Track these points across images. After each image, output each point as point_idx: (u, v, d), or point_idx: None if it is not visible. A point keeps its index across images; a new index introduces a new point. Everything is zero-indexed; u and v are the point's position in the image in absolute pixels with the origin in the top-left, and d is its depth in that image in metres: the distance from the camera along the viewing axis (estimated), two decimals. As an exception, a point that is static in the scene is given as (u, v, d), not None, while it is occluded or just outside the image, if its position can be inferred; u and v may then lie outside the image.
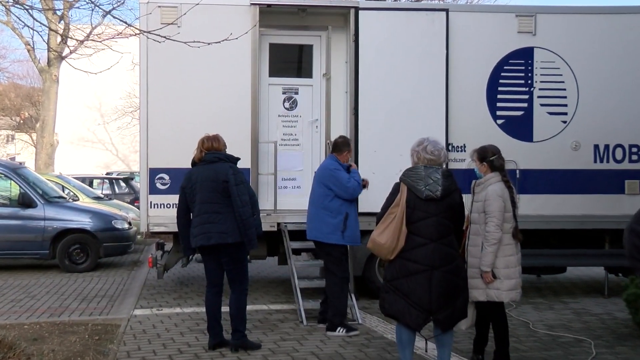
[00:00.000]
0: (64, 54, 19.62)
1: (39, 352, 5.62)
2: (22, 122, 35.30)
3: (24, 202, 10.76)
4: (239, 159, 5.92)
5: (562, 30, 8.38)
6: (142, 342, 6.05)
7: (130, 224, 11.75)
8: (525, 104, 8.34)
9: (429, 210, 4.51)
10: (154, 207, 7.90)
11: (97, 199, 14.47)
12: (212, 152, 5.78)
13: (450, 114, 8.14)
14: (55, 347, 5.87)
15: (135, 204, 15.29)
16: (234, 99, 7.99)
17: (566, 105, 8.40)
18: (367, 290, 8.09)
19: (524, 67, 8.33)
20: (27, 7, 7.98)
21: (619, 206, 8.27)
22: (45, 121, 20.36)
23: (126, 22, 6.78)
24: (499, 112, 8.30)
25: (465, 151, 8.02)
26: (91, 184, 18.35)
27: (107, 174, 26.02)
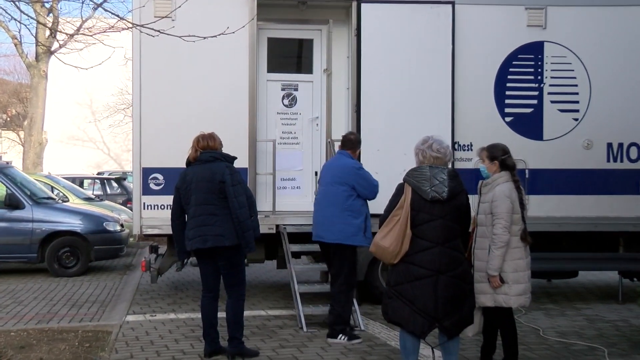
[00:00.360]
0: (53, 49, 19.64)
1: (27, 360, 5.64)
2: (9, 119, 35.33)
3: (11, 203, 10.77)
4: (235, 158, 5.93)
5: (574, 23, 8.39)
6: (135, 350, 6.07)
7: (122, 226, 11.77)
8: (534, 101, 8.35)
9: (435, 212, 4.52)
10: (148, 209, 7.92)
11: (88, 200, 14.49)
12: (208, 151, 5.80)
13: (456, 111, 8.15)
14: (43, 355, 5.88)
15: (127, 205, 15.31)
16: (231, 96, 8.01)
17: (578, 102, 8.41)
18: (370, 295, 8.11)
19: (533, 63, 8.34)
20: (14, -1, 7.99)
21: (634, 208, 8.28)
22: (33, 119, 20.37)
23: (118, 15, 6.81)
24: (507, 110, 8.31)
25: (471, 150, 8.04)
26: (82, 185, 18.38)
27: (99, 173, 26.05)
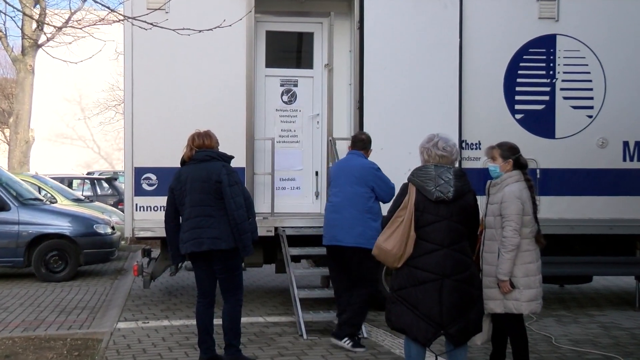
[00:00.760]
0: (40, 42, 19.67)
1: (13, 369, 5.67)
2: (-6, 116, 35.38)
3: (-4, 204, 10.81)
4: (232, 158, 5.96)
5: (588, 15, 8.40)
6: (126, 358, 6.09)
7: (113, 228, 11.80)
8: (546, 97, 8.37)
9: (440, 213, 4.54)
10: (140, 210, 7.95)
11: (77, 201, 14.52)
12: (204, 150, 5.82)
13: (463, 108, 8.17)
14: (31, 363, 5.91)
15: (119, 207, 15.34)
16: (228, 92, 8.03)
17: (592, 98, 8.42)
18: (373, 301, 8.11)
19: (545, 57, 8.36)
20: (-1, -10, 8.02)
21: (651, 209, 8.32)
22: (19, 116, 20.41)
23: (109, 7, 6.82)
24: (517, 106, 8.33)
25: (480, 149, 8.06)
26: (70, 185, 18.42)
27: (88, 173, 26.08)
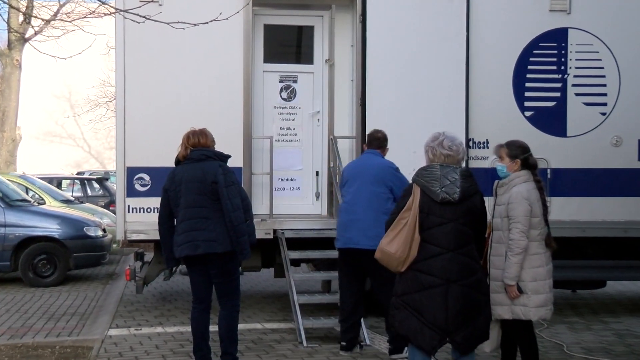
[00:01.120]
0: (27, 36, 19.68)
1: (0, 378, 5.69)
2: (-21, 114, 35.42)
3: (-19, 206, 10.83)
4: (229, 157, 5.98)
5: (602, 7, 8.43)
6: (119, 366, 6.12)
7: (104, 230, 11.82)
8: (557, 94, 8.39)
9: (446, 215, 4.56)
10: (132, 212, 7.97)
11: (67, 202, 14.54)
12: (199, 149, 5.84)
13: (471, 105, 8.19)
14: (19, 371, 5.94)
15: (110, 208, 15.36)
16: (224, 88, 8.05)
17: (606, 94, 8.45)
18: (376, 306, 8.14)
19: (556, 51, 8.39)
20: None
21: (667, 211, 8.34)
22: (5, 113, 20.43)
23: None
24: (527, 103, 8.35)
25: (488, 148, 8.09)
26: (59, 186, 18.43)
27: (78, 173, 26.11)
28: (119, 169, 8.04)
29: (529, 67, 8.36)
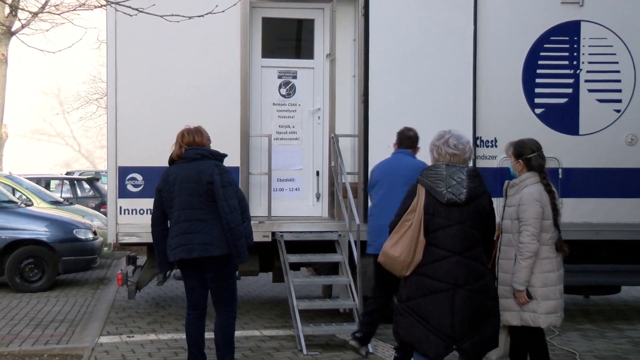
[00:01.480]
0: (13, 29, 19.71)
1: (-14, 387, 5.70)
2: (-37, 111, 35.45)
3: (-33, 207, 10.85)
4: (225, 156, 6.00)
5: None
6: (110, 375, 6.14)
7: (95, 233, 11.84)
8: (569, 90, 8.41)
9: (452, 216, 4.56)
10: (124, 214, 7.99)
11: (56, 203, 14.55)
12: (194, 148, 5.85)
13: (478, 102, 8.21)
14: (5, 381, 5.96)
15: (101, 210, 15.38)
16: (220, 85, 8.07)
17: (620, 90, 8.47)
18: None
19: (568, 45, 8.40)
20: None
21: (685, 213, 8.35)
22: (-9, 110, 20.48)
23: (90, -8, 6.88)
24: (537, 100, 8.37)
25: (496, 146, 8.11)
26: (48, 186, 18.45)
27: (68, 173, 26.14)
28: (110, 168, 8.06)
29: (540, 61, 8.37)
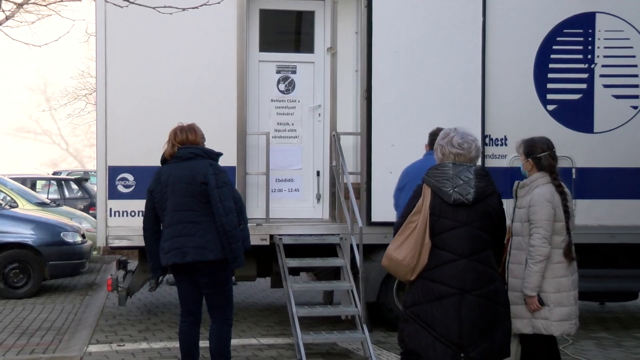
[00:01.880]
0: (-2, 22, 19.76)
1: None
2: (-56, 108, 35.46)
3: (-51, 209, 10.86)
4: (221, 155, 6.00)
5: (633, -10, 8.48)
6: (100, 386, 6.15)
7: (84, 236, 11.85)
8: (583, 85, 8.42)
9: (459, 218, 4.56)
10: (115, 216, 8.00)
11: (42, 205, 14.57)
12: (188, 147, 5.86)
13: (487, 98, 8.21)
14: (-11, 391, 5.96)
15: (90, 212, 15.38)
16: (216, 80, 8.08)
17: (637, 85, 8.49)
18: (383, 319, 8.18)
19: (582, 39, 8.41)
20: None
21: None
22: (-25, 107, 20.49)
23: (79, -18, 6.89)
24: (550, 96, 8.38)
25: (506, 145, 8.11)
26: (34, 187, 18.46)
27: (55, 173, 26.14)
28: (99, 168, 8.07)
29: (552, 55, 8.38)
